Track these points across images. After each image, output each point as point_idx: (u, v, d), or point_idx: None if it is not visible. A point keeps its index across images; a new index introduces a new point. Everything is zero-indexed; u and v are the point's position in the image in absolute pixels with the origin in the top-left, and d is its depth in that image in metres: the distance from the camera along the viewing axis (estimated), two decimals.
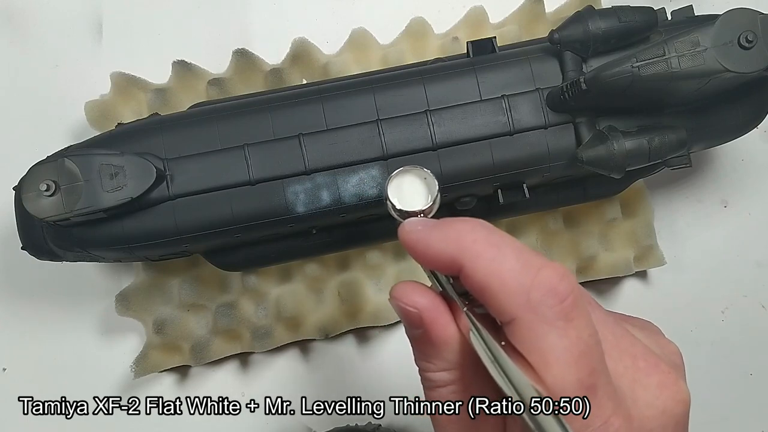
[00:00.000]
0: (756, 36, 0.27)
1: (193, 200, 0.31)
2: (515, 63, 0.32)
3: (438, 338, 0.21)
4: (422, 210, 0.24)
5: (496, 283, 0.19)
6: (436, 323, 0.21)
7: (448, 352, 0.21)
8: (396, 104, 0.32)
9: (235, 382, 0.40)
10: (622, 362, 0.21)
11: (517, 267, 0.19)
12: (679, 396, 0.21)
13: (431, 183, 0.24)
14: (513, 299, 0.19)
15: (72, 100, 0.39)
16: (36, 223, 0.32)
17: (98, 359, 0.39)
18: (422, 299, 0.21)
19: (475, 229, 0.20)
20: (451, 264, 0.20)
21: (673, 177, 0.41)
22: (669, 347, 0.23)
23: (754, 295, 0.41)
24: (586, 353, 0.19)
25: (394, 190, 0.25)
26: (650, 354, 0.21)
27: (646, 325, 0.24)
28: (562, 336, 0.18)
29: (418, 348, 0.22)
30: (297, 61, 0.39)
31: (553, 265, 0.19)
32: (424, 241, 0.21)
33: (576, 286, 0.19)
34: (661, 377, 0.21)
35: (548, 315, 0.19)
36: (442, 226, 0.21)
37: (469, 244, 0.20)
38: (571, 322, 0.19)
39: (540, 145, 0.32)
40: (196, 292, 0.38)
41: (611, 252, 0.39)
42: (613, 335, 0.21)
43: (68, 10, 0.41)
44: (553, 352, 0.18)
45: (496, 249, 0.20)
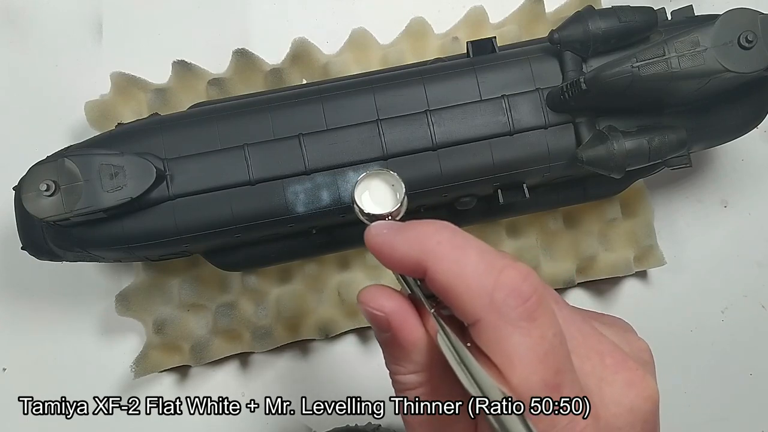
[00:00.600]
0: (756, 36, 0.27)
1: (193, 200, 0.31)
2: (515, 63, 0.32)
3: (405, 341, 0.21)
4: (389, 213, 0.24)
5: (460, 284, 0.19)
6: (404, 326, 0.21)
7: (416, 354, 0.21)
8: (396, 104, 0.32)
9: (235, 382, 0.40)
10: (590, 360, 0.20)
11: (480, 268, 0.19)
12: (646, 393, 0.21)
13: (398, 186, 0.25)
14: (476, 301, 0.19)
15: (72, 100, 0.39)
16: (36, 223, 0.32)
17: (98, 359, 0.39)
18: (389, 302, 0.21)
19: (438, 231, 0.20)
20: (415, 267, 0.20)
21: (673, 177, 0.41)
22: (638, 344, 0.23)
23: (754, 295, 0.41)
24: (551, 353, 0.19)
25: (361, 193, 0.25)
26: (617, 351, 0.21)
27: (615, 322, 0.24)
28: (525, 336, 0.19)
29: (387, 351, 0.22)
30: (297, 61, 0.39)
31: (516, 265, 0.19)
32: (389, 245, 0.21)
33: (539, 286, 0.19)
34: (629, 374, 0.21)
35: (511, 315, 0.19)
36: (406, 228, 0.21)
37: (432, 246, 0.20)
38: (534, 322, 0.19)
39: (540, 145, 0.32)
40: (196, 292, 0.38)
41: (611, 252, 0.39)
42: (580, 333, 0.21)
43: (68, 10, 0.41)
44: (517, 352, 0.18)
45: (460, 251, 0.20)
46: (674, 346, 0.40)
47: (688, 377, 0.40)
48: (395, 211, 0.24)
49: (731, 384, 0.40)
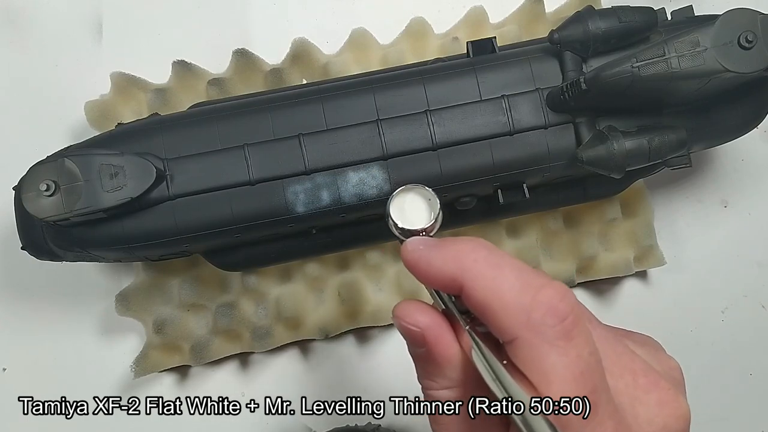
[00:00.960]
0: (756, 36, 0.27)
1: (193, 200, 0.31)
2: (515, 63, 0.32)
3: (440, 357, 0.21)
4: (424, 228, 0.24)
5: (497, 302, 0.19)
6: (439, 342, 0.21)
7: (451, 370, 0.21)
8: (396, 104, 0.32)
9: (235, 382, 0.40)
10: (623, 379, 0.21)
11: (518, 286, 0.19)
12: (679, 412, 0.21)
13: (433, 201, 0.25)
14: (513, 319, 0.19)
15: (72, 100, 0.39)
16: (36, 223, 0.32)
17: (98, 359, 0.39)
18: (425, 318, 0.21)
19: (475, 249, 0.20)
20: (452, 283, 0.20)
21: (673, 177, 0.41)
22: (669, 363, 0.23)
23: (754, 295, 0.41)
24: (587, 372, 0.19)
25: (396, 208, 0.25)
26: (650, 370, 0.21)
27: (646, 341, 0.24)
28: (562, 355, 0.19)
29: (420, 366, 0.22)
30: (297, 61, 0.39)
31: (553, 284, 0.20)
32: (425, 261, 0.21)
33: (576, 305, 0.19)
34: (661, 394, 0.21)
35: (549, 334, 0.19)
36: (443, 245, 0.21)
37: (469, 263, 0.20)
38: (571, 341, 0.19)
39: (540, 145, 0.32)
40: (196, 292, 0.38)
41: (611, 252, 0.39)
42: (614, 352, 0.21)
43: (68, 10, 0.41)
44: (554, 371, 0.19)
45: (497, 269, 0.20)
46: (674, 346, 0.40)
47: (688, 377, 0.40)
48: (430, 226, 0.24)
49: (731, 384, 0.40)
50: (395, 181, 0.31)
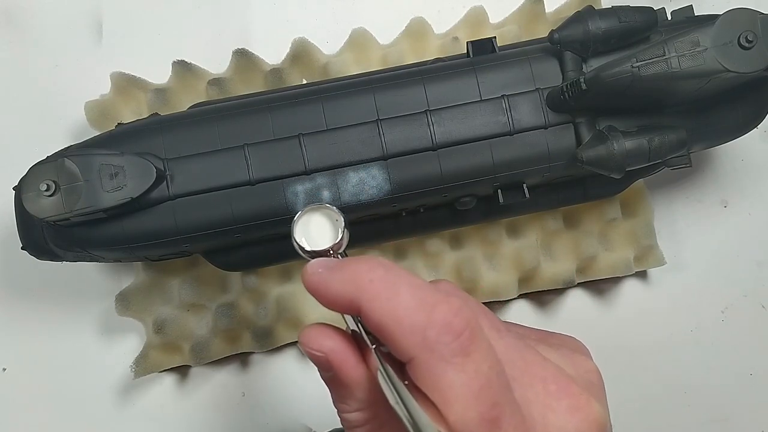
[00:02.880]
0: (756, 36, 0.27)
1: (193, 200, 0.31)
2: (515, 63, 0.32)
3: (348, 379, 0.21)
4: (330, 247, 0.24)
5: (392, 323, 0.19)
6: (344, 365, 0.21)
7: (360, 392, 0.21)
8: (396, 104, 0.32)
9: (235, 382, 0.40)
10: (533, 388, 0.20)
11: (412, 305, 0.19)
12: (591, 417, 0.20)
13: (338, 220, 0.24)
14: (409, 339, 0.19)
15: (72, 100, 0.39)
16: (36, 223, 0.32)
17: (98, 359, 0.39)
18: (328, 342, 0.21)
19: (372, 269, 0.20)
20: (350, 306, 0.20)
21: (673, 177, 0.41)
22: (585, 365, 0.23)
23: (754, 295, 0.41)
24: (486, 387, 0.19)
25: (300, 230, 0.24)
26: (561, 376, 0.21)
27: (565, 343, 0.24)
28: (460, 372, 0.18)
29: (332, 390, 0.22)
30: (297, 61, 0.39)
31: (448, 300, 0.19)
32: (324, 284, 0.21)
33: (472, 319, 0.19)
34: (572, 400, 0.20)
35: (444, 352, 0.19)
36: (340, 267, 0.21)
37: (365, 284, 0.20)
38: (468, 357, 0.19)
39: (540, 145, 0.32)
40: (196, 292, 0.38)
41: (611, 252, 0.39)
42: (523, 360, 0.21)
43: (68, 10, 0.41)
44: (453, 389, 0.18)
45: (392, 288, 0.20)
46: (674, 346, 0.40)
47: (688, 377, 0.40)
48: (336, 245, 0.24)
49: (731, 384, 0.40)
50: (395, 181, 0.31)
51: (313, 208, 0.25)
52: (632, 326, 0.40)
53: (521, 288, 0.39)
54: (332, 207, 0.25)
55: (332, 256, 0.24)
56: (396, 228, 0.36)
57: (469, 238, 0.39)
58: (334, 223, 0.25)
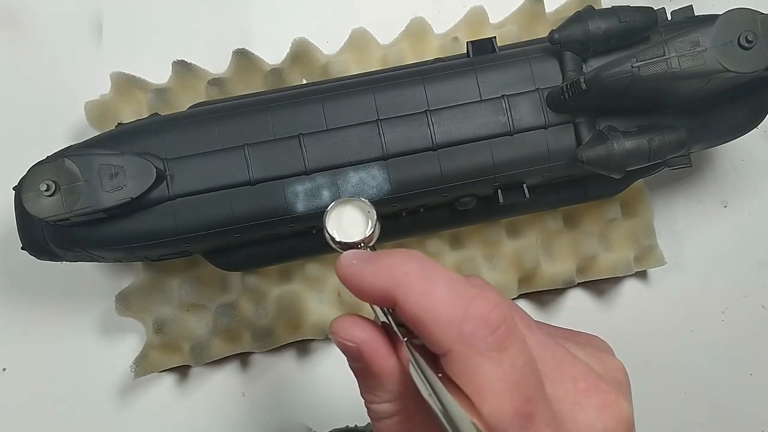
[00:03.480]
0: (756, 36, 0.27)
1: (193, 200, 0.31)
2: (515, 63, 0.32)
3: (378, 371, 0.21)
4: (362, 240, 0.24)
5: (428, 316, 0.19)
6: (376, 356, 0.21)
7: (390, 383, 0.21)
8: (396, 104, 0.32)
9: (235, 382, 0.40)
10: (563, 385, 0.20)
11: (449, 299, 0.19)
12: (620, 415, 0.21)
13: (370, 213, 0.24)
14: (445, 332, 0.19)
15: (72, 100, 0.39)
16: (36, 223, 0.32)
17: (98, 359, 0.39)
18: (361, 333, 0.21)
19: (407, 262, 0.20)
20: (385, 298, 0.20)
21: (673, 177, 0.41)
22: (612, 364, 0.23)
23: (754, 295, 0.41)
24: (521, 382, 0.19)
25: (333, 221, 0.24)
26: (591, 374, 0.21)
27: (590, 341, 0.24)
28: (495, 366, 0.19)
29: (361, 381, 0.22)
30: (297, 61, 0.39)
31: (485, 294, 0.19)
32: (358, 276, 0.21)
33: (508, 314, 0.19)
34: (602, 398, 0.21)
35: (481, 346, 0.19)
36: (375, 259, 0.21)
37: (401, 277, 0.20)
38: (504, 352, 0.19)
39: (540, 145, 0.32)
40: (196, 292, 0.38)
41: (611, 252, 0.39)
42: (554, 357, 0.21)
43: (68, 10, 0.41)
44: (488, 383, 0.18)
45: (428, 282, 0.20)
46: (674, 346, 0.40)
47: (688, 377, 0.40)
48: (367, 238, 0.24)
49: (731, 384, 0.40)
50: (395, 181, 0.31)
51: (346, 200, 0.25)
52: (632, 326, 0.40)
53: (521, 288, 0.39)
54: (365, 200, 0.25)
55: (363, 248, 0.24)
56: (396, 228, 0.36)
57: (469, 238, 0.39)
58: (366, 215, 0.25)
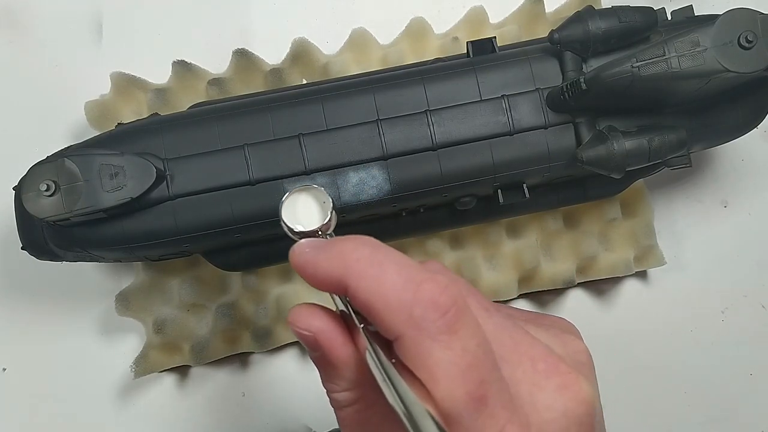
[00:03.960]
0: (756, 36, 0.27)
1: (193, 200, 0.31)
2: (515, 63, 0.32)
3: (336, 359, 0.21)
4: (318, 228, 0.24)
5: (379, 301, 0.19)
6: (332, 345, 0.21)
7: (348, 372, 0.21)
8: (396, 104, 0.32)
9: (235, 382, 0.40)
10: (521, 367, 0.20)
11: (399, 283, 0.19)
12: (580, 396, 0.20)
13: (326, 201, 0.24)
14: (396, 316, 0.19)
15: (72, 100, 0.39)
16: (36, 223, 0.32)
17: (98, 359, 0.39)
18: (317, 322, 0.21)
19: (358, 248, 0.20)
20: (338, 285, 0.20)
21: (673, 177, 0.41)
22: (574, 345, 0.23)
23: (754, 295, 0.41)
24: (474, 364, 0.18)
25: (288, 211, 0.24)
26: (550, 355, 0.21)
27: (555, 323, 0.24)
28: (446, 349, 0.18)
29: (320, 370, 0.22)
30: (297, 61, 0.39)
31: (434, 278, 0.19)
32: (311, 264, 0.21)
33: (459, 297, 0.19)
34: (561, 378, 0.20)
35: (431, 329, 0.18)
36: (328, 246, 0.21)
37: (352, 263, 0.20)
38: (455, 335, 0.19)
39: (540, 145, 0.32)
40: (196, 292, 0.38)
41: (611, 252, 0.39)
42: (511, 339, 0.21)
43: (68, 10, 0.41)
44: (439, 366, 0.18)
45: (378, 267, 0.20)
46: (674, 346, 0.40)
47: (688, 377, 0.40)
48: (324, 225, 0.24)
49: (731, 384, 0.40)
50: (395, 181, 0.31)
51: (301, 189, 0.25)
52: (632, 326, 0.40)
53: (521, 288, 0.39)
54: (320, 188, 0.25)
55: (321, 237, 0.24)
56: (396, 228, 0.36)
57: (469, 238, 0.39)
58: (322, 204, 0.24)
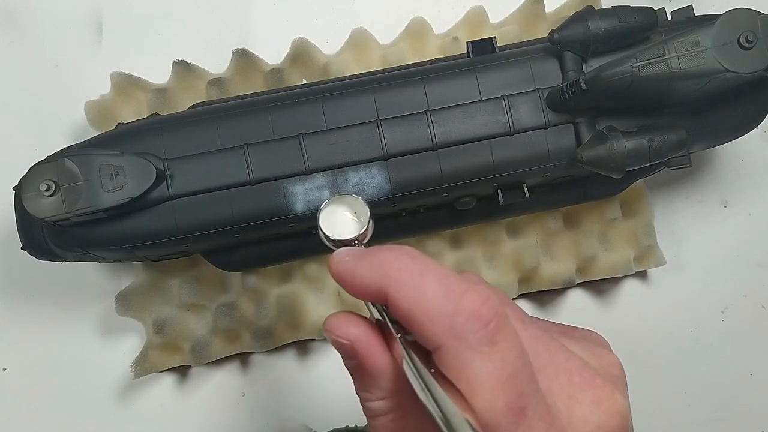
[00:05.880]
0: (756, 36, 0.27)
1: (193, 200, 0.31)
2: (515, 63, 0.32)
3: (372, 368, 0.21)
4: (355, 238, 0.24)
5: (420, 311, 0.19)
6: (369, 353, 0.21)
7: (384, 380, 0.21)
8: (396, 104, 0.32)
9: (235, 382, 0.40)
10: (557, 379, 0.20)
11: (440, 294, 0.19)
12: (614, 409, 0.20)
13: (363, 210, 0.24)
14: (437, 327, 0.19)
15: (72, 100, 0.39)
16: (36, 223, 0.32)
17: (98, 359, 0.39)
18: (354, 330, 0.21)
19: (399, 258, 0.20)
20: (377, 294, 0.20)
21: (673, 177, 0.41)
22: (608, 359, 0.23)
23: (754, 295, 0.41)
24: (513, 376, 0.19)
25: (326, 219, 0.24)
26: (586, 368, 0.21)
27: (586, 336, 0.24)
28: (486, 361, 0.18)
29: (355, 378, 0.22)
30: (297, 61, 0.39)
31: (477, 288, 0.19)
32: (351, 272, 0.21)
33: (500, 309, 0.19)
34: (597, 392, 0.20)
35: (472, 341, 0.19)
36: (368, 255, 0.21)
37: (393, 273, 0.20)
38: (495, 346, 0.19)
39: (540, 145, 0.32)
40: (196, 292, 0.38)
41: (611, 252, 0.39)
42: (548, 352, 0.21)
43: (68, 10, 0.41)
44: (479, 377, 0.18)
45: (419, 277, 0.20)
46: (674, 346, 0.40)
47: (688, 377, 0.40)
48: (361, 235, 0.24)
49: (731, 384, 0.40)
50: (395, 181, 0.31)
51: (339, 198, 0.25)
52: (632, 326, 0.40)
53: (521, 288, 0.39)
54: (358, 198, 0.25)
55: (357, 246, 0.24)
56: (396, 228, 0.36)
57: (469, 238, 0.39)
58: (360, 213, 0.25)
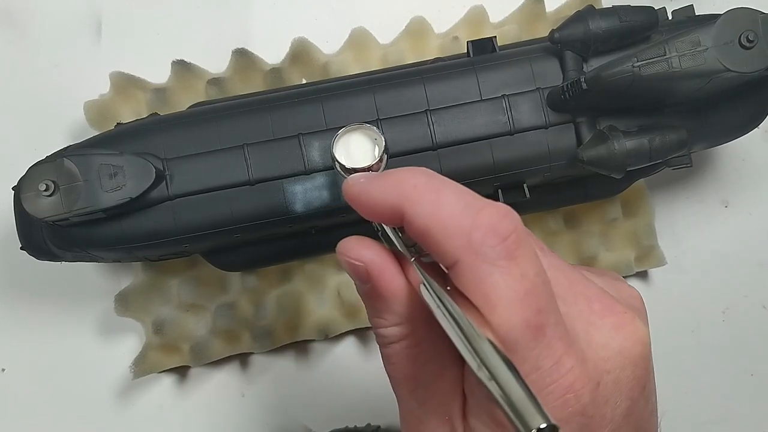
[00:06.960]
0: (757, 36, 0.27)
1: (192, 200, 0.31)
2: (515, 62, 0.32)
3: (386, 291, 0.21)
4: (370, 167, 0.24)
5: (437, 226, 0.19)
6: (384, 276, 0.21)
7: (398, 305, 0.21)
8: (396, 104, 0.32)
9: (234, 383, 0.40)
10: (576, 305, 0.20)
11: (458, 209, 0.19)
12: (636, 335, 0.20)
13: (378, 140, 0.24)
14: (454, 241, 0.18)
15: (71, 100, 0.39)
16: (35, 223, 0.32)
17: (98, 359, 0.39)
18: (368, 252, 0.21)
19: (415, 176, 0.20)
20: (393, 213, 0.20)
21: (674, 177, 0.41)
22: (628, 290, 0.23)
23: (754, 296, 0.41)
24: (532, 292, 0.18)
25: (341, 149, 0.24)
26: (605, 296, 0.21)
27: (605, 272, 0.24)
28: (505, 275, 0.18)
29: (368, 304, 0.22)
30: (297, 61, 0.39)
31: (494, 204, 0.19)
32: (366, 193, 0.21)
33: (519, 225, 0.19)
34: (617, 318, 0.20)
35: (490, 254, 0.18)
36: (383, 176, 0.21)
37: (409, 190, 0.19)
38: (514, 260, 0.18)
39: (540, 144, 0.32)
40: (196, 293, 0.38)
41: (612, 252, 0.39)
42: (567, 279, 0.20)
43: (68, 10, 0.41)
44: (497, 291, 0.18)
45: (436, 193, 0.19)
46: (674, 346, 0.40)
47: (688, 377, 0.40)
48: (375, 164, 0.24)
49: (731, 384, 0.40)
50: None
51: (354, 127, 0.24)
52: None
53: None
54: (372, 127, 0.24)
55: None
56: None
57: None
58: (374, 142, 0.24)
